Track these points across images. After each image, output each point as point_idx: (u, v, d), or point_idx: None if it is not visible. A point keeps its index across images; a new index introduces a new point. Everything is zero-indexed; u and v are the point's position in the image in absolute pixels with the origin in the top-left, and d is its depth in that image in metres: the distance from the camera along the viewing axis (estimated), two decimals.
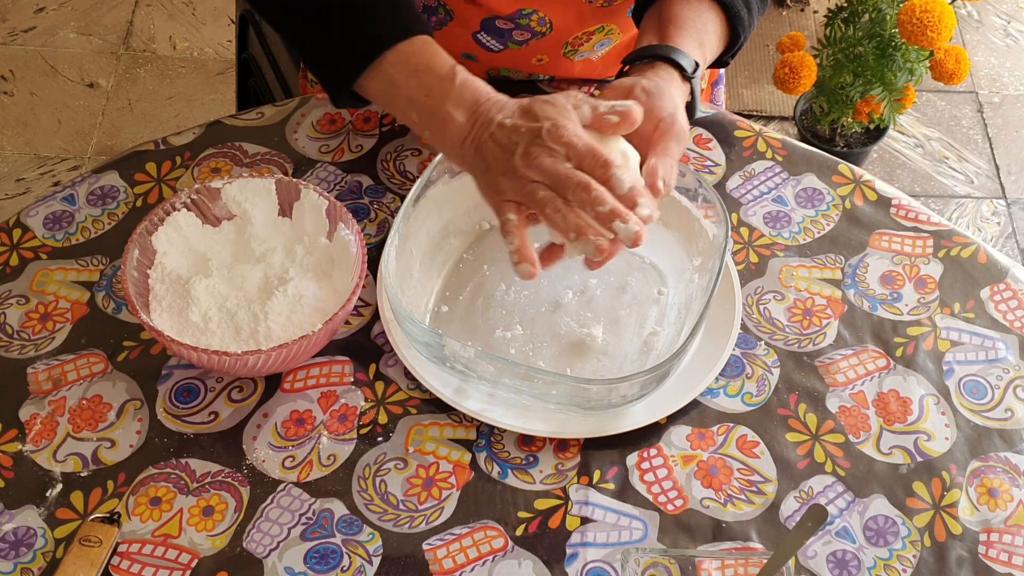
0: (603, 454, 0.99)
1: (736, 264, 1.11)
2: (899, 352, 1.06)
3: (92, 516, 0.95)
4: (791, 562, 0.89)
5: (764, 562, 0.90)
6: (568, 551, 0.94)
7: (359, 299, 1.06)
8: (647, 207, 0.88)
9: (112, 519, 0.94)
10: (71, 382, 1.02)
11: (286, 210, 1.07)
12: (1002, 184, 2.35)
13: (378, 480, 0.97)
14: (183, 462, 0.98)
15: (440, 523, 0.95)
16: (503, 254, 1.10)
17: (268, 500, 0.96)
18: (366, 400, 1.02)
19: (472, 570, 0.93)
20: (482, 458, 0.99)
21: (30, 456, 0.98)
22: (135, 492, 0.96)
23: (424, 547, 0.94)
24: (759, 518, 0.96)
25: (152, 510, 0.95)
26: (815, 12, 2.61)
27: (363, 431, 1.00)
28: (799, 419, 1.02)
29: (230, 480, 0.97)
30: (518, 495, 0.97)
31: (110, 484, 0.97)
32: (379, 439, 1.00)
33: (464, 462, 0.99)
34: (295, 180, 1.06)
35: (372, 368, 1.04)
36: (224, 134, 1.20)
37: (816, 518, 0.90)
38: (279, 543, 0.94)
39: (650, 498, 0.97)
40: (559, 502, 0.97)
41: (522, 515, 0.96)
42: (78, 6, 2.59)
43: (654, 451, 1.00)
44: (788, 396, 1.03)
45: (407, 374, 1.02)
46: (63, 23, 2.56)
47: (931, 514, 0.97)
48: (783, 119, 2.44)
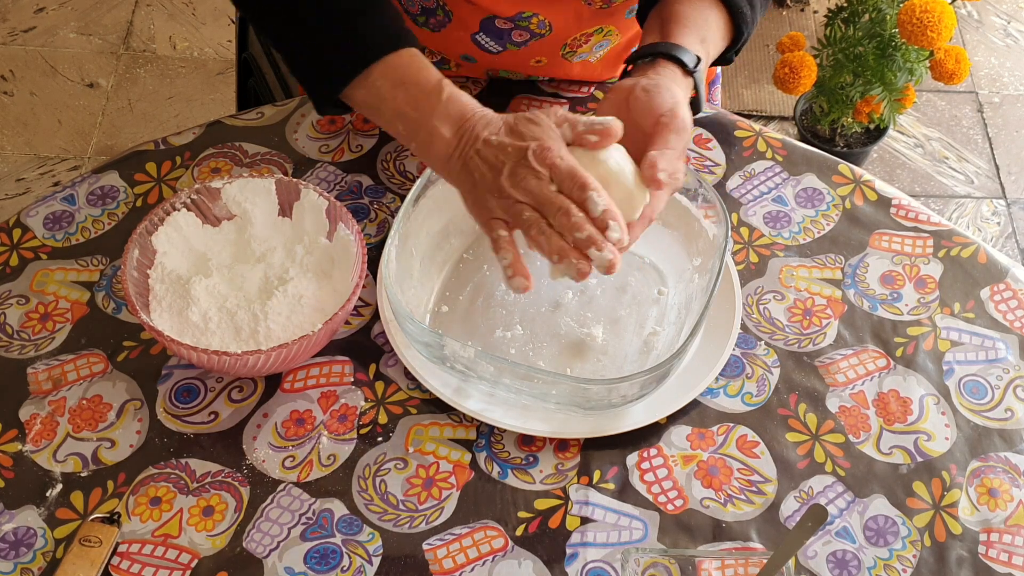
0: (603, 454, 0.99)
1: (736, 264, 1.11)
2: (899, 352, 1.06)
3: (92, 516, 0.95)
4: (791, 562, 0.89)
5: (764, 562, 0.90)
6: (568, 551, 0.94)
7: (359, 299, 1.06)
8: (617, 231, 0.89)
9: (112, 519, 0.94)
10: (71, 382, 1.02)
11: (286, 210, 1.07)
12: (1002, 184, 2.35)
13: (378, 480, 0.97)
14: (183, 462, 0.98)
15: (440, 523, 0.95)
16: None
17: (268, 500, 0.96)
18: (366, 400, 1.02)
19: (472, 570, 0.93)
20: (482, 458, 0.99)
21: (30, 456, 0.98)
22: (135, 492, 0.96)
23: (424, 547, 0.94)
24: (759, 518, 0.96)
25: (152, 510, 0.95)
26: (815, 12, 2.61)
27: (363, 431, 1.00)
28: (799, 419, 1.02)
29: (230, 480, 0.97)
30: (518, 495, 0.97)
31: (110, 484, 0.97)
32: (379, 439, 1.00)
33: (464, 462, 0.99)
34: (295, 180, 1.06)
35: (372, 368, 1.04)
36: (224, 134, 1.20)
37: (816, 518, 0.90)
38: (279, 543, 0.94)
39: (650, 498, 0.97)
40: (559, 502, 0.97)
41: (522, 515, 0.96)
42: (78, 6, 2.59)
43: (654, 451, 1.00)
44: (788, 396, 1.03)
45: (407, 374, 1.02)
46: (63, 23, 2.56)
47: (931, 514, 0.97)
48: (783, 119, 2.44)
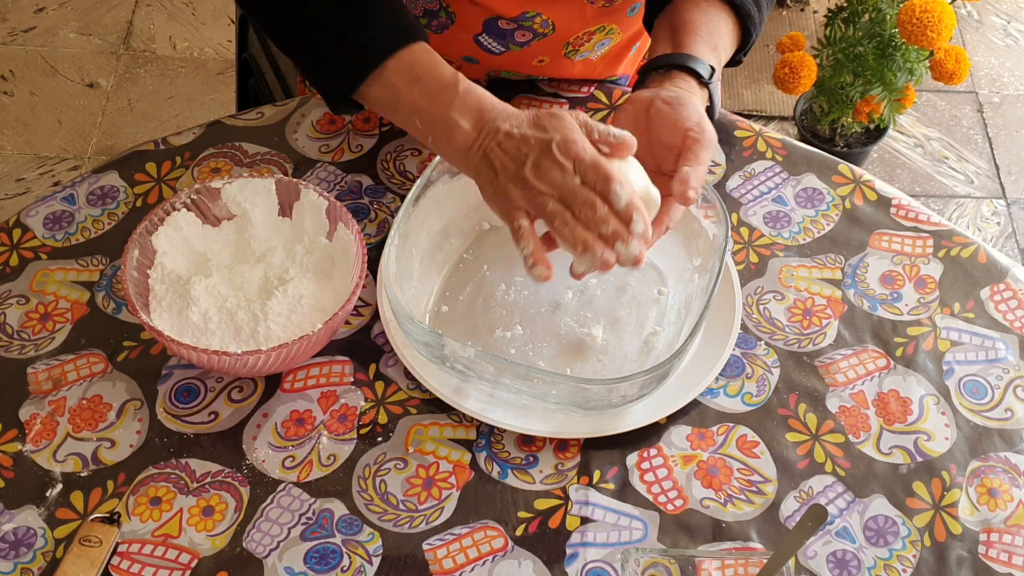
0: (603, 454, 0.99)
1: (736, 264, 1.11)
2: (899, 352, 1.06)
3: (92, 516, 0.95)
4: (791, 562, 0.89)
5: (764, 562, 0.90)
6: (568, 551, 0.94)
7: (359, 299, 1.06)
8: (641, 224, 0.90)
9: (112, 519, 0.94)
10: (71, 382, 1.02)
11: (286, 210, 1.07)
12: (1002, 184, 2.35)
13: (378, 480, 0.97)
14: (183, 462, 0.98)
15: (440, 523, 0.95)
16: (503, 254, 1.10)
17: (268, 500, 0.96)
18: (366, 400, 1.02)
19: (472, 570, 0.93)
20: (482, 458, 0.99)
21: (30, 456, 0.98)
22: (135, 492, 0.96)
23: (424, 547, 0.94)
24: (759, 518, 0.96)
25: (152, 510, 0.95)
26: (815, 12, 2.61)
27: (363, 431, 1.00)
28: (799, 419, 1.02)
29: (230, 480, 0.97)
30: (518, 495, 0.97)
31: (110, 484, 0.97)
32: (379, 439, 1.00)
33: (464, 462, 0.99)
34: (295, 180, 1.06)
35: (372, 368, 1.04)
36: (224, 134, 1.20)
37: (816, 518, 0.90)
38: (279, 543, 0.94)
39: (650, 498, 0.97)
40: (559, 502, 0.97)
41: (522, 515, 0.96)
42: (78, 6, 2.59)
43: (654, 451, 1.00)
44: (788, 396, 1.03)
45: (407, 374, 1.02)
46: (63, 23, 2.56)
47: (931, 514, 0.97)
48: (783, 119, 2.44)
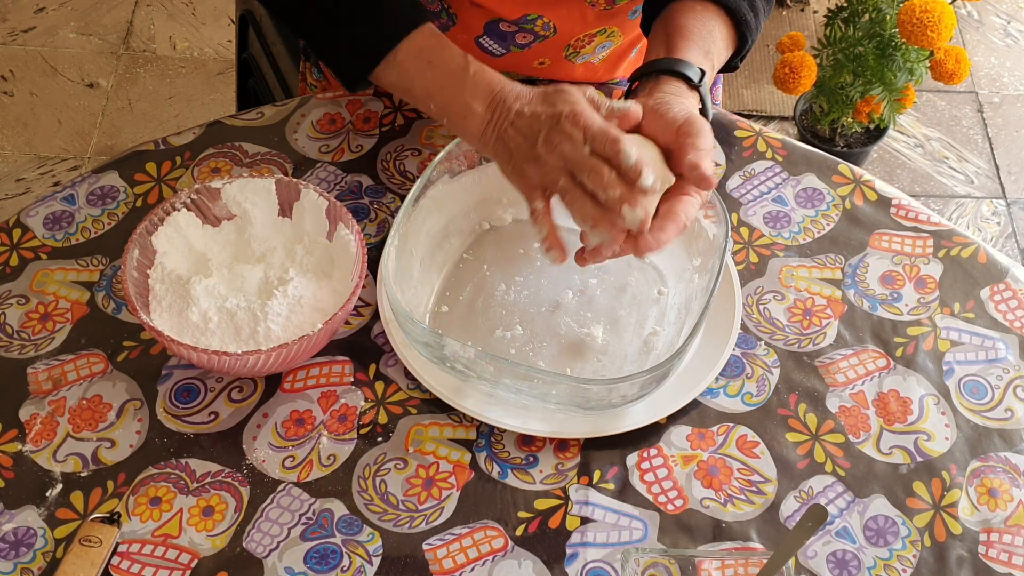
0: (603, 454, 0.99)
1: (736, 264, 1.11)
2: (899, 352, 1.06)
3: (92, 516, 0.95)
4: (791, 562, 0.89)
5: (764, 562, 0.90)
6: (568, 551, 0.94)
7: (359, 299, 1.06)
8: (650, 177, 0.91)
9: (112, 519, 0.94)
10: (71, 382, 1.02)
11: (286, 210, 1.07)
12: (1002, 184, 2.35)
13: (378, 480, 0.97)
14: (183, 462, 0.98)
15: (440, 523, 0.95)
16: (503, 254, 1.10)
17: (268, 500, 0.96)
18: (366, 400, 1.02)
19: (472, 570, 0.93)
20: (482, 458, 0.99)
21: (30, 456, 0.98)
22: (135, 492, 0.96)
23: (424, 547, 0.94)
24: (759, 518, 0.96)
25: (152, 510, 0.95)
26: (815, 12, 2.61)
27: (363, 431, 1.00)
28: (799, 419, 1.02)
29: (230, 480, 0.97)
30: (518, 495, 0.97)
31: (110, 484, 0.97)
32: (379, 439, 1.00)
33: (464, 462, 0.99)
34: (295, 180, 1.06)
35: (372, 368, 1.04)
36: (224, 134, 1.20)
37: (816, 518, 0.90)
38: (279, 543, 0.94)
39: (650, 498, 0.97)
40: (559, 502, 0.97)
41: (522, 515, 0.96)
42: (78, 6, 2.59)
43: (654, 451, 1.00)
44: (788, 396, 1.03)
45: (407, 374, 1.02)
46: (63, 23, 2.56)
47: (931, 514, 0.97)
48: (783, 119, 2.44)
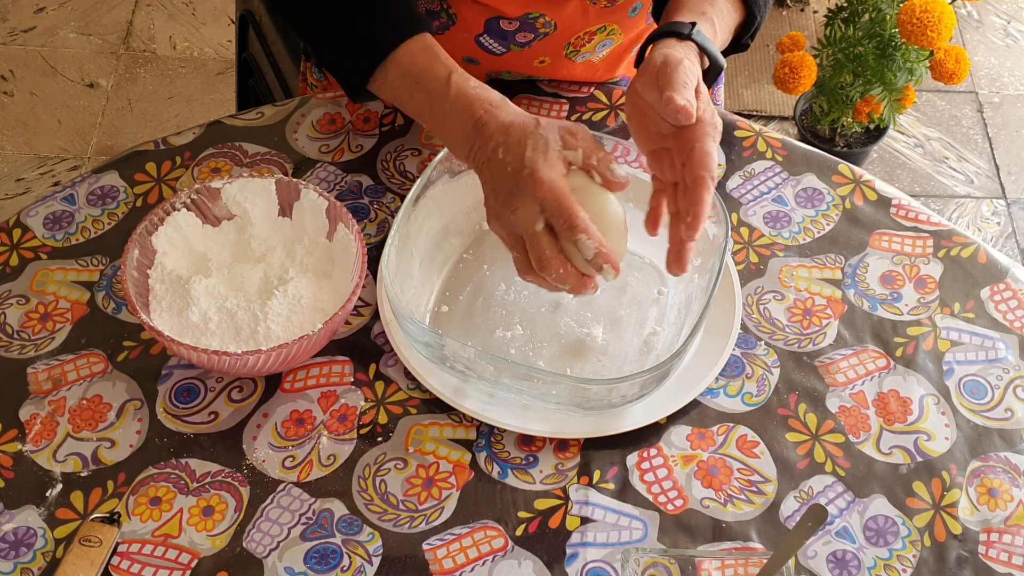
0: (603, 454, 0.99)
1: (736, 264, 1.11)
2: (899, 352, 1.06)
3: (92, 516, 0.95)
4: (791, 562, 0.89)
5: (764, 562, 0.90)
6: (568, 551, 0.94)
7: (359, 299, 1.06)
8: (612, 274, 0.90)
9: (112, 519, 0.94)
10: (71, 382, 1.02)
11: (286, 210, 1.07)
12: (1002, 184, 2.35)
13: (378, 480, 0.97)
14: (183, 462, 0.98)
15: (440, 523, 0.95)
16: (503, 254, 1.09)
17: (268, 500, 0.96)
18: (366, 400, 1.02)
19: (472, 570, 0.93)
20: (482, 458, 0.99)
21: (30, 456, 0.98)
22: (135, 492, 0.96)
23: (424, 547, 0.94)
24: (759, 518, 0.96)
25: (152, 510, 0.95)
26: (815, 12, 2.61)
27: (363, 431, 1.00)
28: (799, 419, 1.02)
29: (230, 480, 0.97)
30: (518, 495, 0.97)
31: (110, 484, 0.97)
32: (379, 439, 1.00)
33: (464, 462, 0.99)
34: (295, 180, 1.06)
35: (372, 368, 1.04)
36: (224, 134, 1.20)
37: (816, 518, 0.90)
38: (279, 543, 0.94)
39: (650, 498, 0.97)
40: (559, 502, 0.97)
41: (522, 515, 0.96)
42: (78, 6, 2.59)
43: (654, 451, 1.00)
44: (788, 396, 1.03)
45: (407, 374, 1.02)
46: (63, 23, 2.56)
47: (931, 514, 0.97)
48: (783, 119, 2.44)
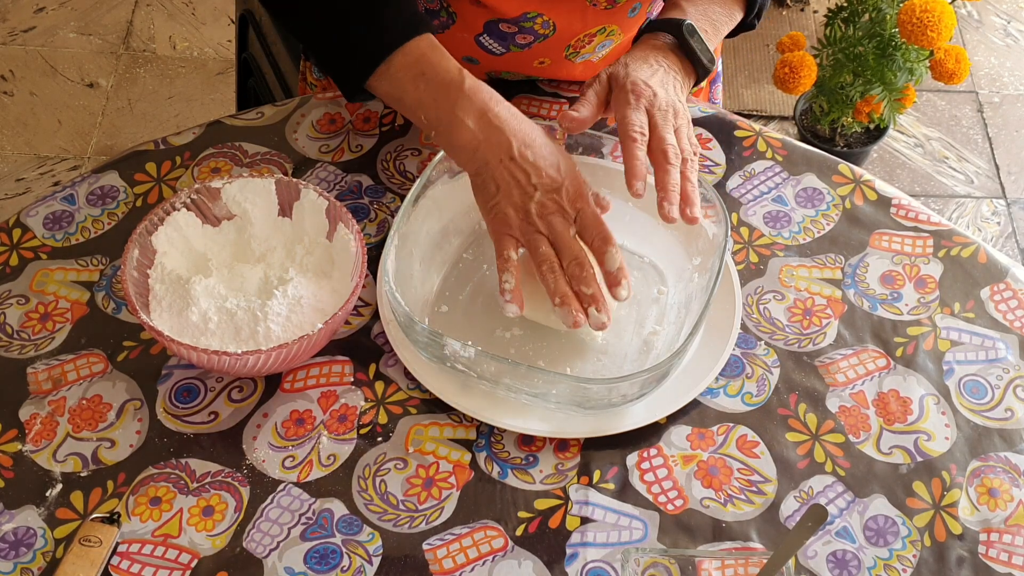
0: (603, 454, 0.99)
1: (736, 264, 1.11)
2: (899, 352, 1.06)
3: (92, 516, 0.95)
4: (791, 562, 0.89)
5: (764, 562, 0.90)
6: (568, 551, 0.94)
7: (359, 299, 1.06)
8: (626, 290, 0.97)
9: (112, 519, 0.94)
10: (71, 382, 1.02)
11: (286, 210, 1.07)
12: (1002, 184, 2.35)
13: (378, 480, 0.97)
14: (183, 462, 0.98)
15: (440, 523, 0.95)
16: None
17: (268, 500, 0.96)
18: (366, 400, 1.02)
19: (472, 570, 0.93)
20: (482, 458, 0.99)
21: (30, 456, 0.98)
22: (135, 492, 0.96)
23: (424, 547, 0.94)
24: (759, 518, 0.96)
25: (152, 510, 0.95)
26: (815, 12, 2.61)
27: (363, 431, 1.00)
28: (799, 419, 1.02)
29: (230, 480, 0.97)
30: (518, 495, 0.97)
31: (110, 484, 0.97)
32: (379, 439, 1.00)
33: (464, 462, 0.99)
34: (295, 180, 1.06)
35: (372, 368, 1.04)
36: (224, 134, 1.20)
37: (816, 518, 0.90)
38: (279, 543, 0.94)
39: (650, 498, 0.97)
40: (559, 502, 0.97)
41: (522, 515, 0.96)
42: (78, 6, 2.59)
43: (654, 451, 1.00)
44: (788, 396, 1.03)
45: (407, 374, 1.02)
46: (63, 23, 2.56)
47: (931, 514, 0.97)
48: (783, 119, 2.44)
